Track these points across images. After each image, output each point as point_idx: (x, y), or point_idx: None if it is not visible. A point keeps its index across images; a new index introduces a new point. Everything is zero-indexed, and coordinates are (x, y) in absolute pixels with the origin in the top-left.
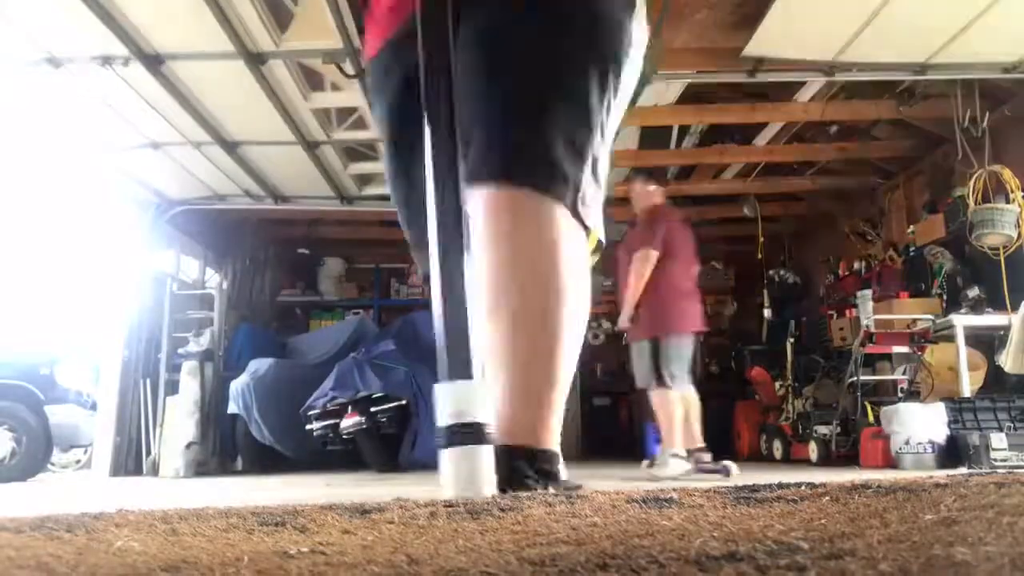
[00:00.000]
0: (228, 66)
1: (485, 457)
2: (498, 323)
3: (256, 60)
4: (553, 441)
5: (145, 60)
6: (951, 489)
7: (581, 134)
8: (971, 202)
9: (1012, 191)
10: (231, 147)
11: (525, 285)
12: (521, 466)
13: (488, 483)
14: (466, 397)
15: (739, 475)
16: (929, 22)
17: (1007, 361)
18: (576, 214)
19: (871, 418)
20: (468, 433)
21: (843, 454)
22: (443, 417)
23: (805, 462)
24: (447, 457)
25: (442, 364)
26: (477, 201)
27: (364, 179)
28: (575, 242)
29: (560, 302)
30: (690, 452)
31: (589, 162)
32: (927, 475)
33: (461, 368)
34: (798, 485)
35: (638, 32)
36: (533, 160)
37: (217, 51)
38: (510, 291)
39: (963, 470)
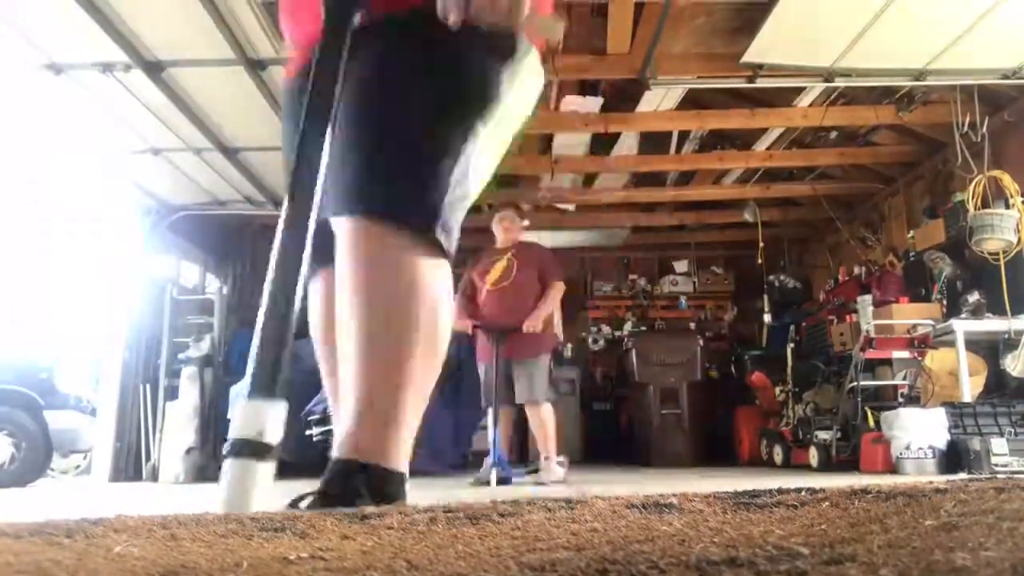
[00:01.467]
0: (228, 72)
1: (260, 474)
2: (353, 349)
3: (256, 66)
4: (400, 460)
5: (145, 67)
6: (951, 494)
7: (441, 170)
8: (971, 207)
9: (1011, 196)
10: (231, 153)
11: (378, 312)
12: (356, 482)
13: (258, 499)
14: (256, 414)
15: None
16: (928, 27)
17: (1016, 365)
18: (436, 243)
19: (871, 423)
20: (246, 448)
21: (843, 459)
22: (232, 430)
23: (805, 467)
24: (225, 467)
25: (248, 381)
26: (341, 234)
27: None
28: (432, 271)
29: (411, 330)
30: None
31: (449, 193)
32: (927, 480)
33: (263, 388)
34: (798, 490)
35: (521, 72)
36: (392, 196)
37: (217, 58)
38: (365, 318)
39: (963, 475)
